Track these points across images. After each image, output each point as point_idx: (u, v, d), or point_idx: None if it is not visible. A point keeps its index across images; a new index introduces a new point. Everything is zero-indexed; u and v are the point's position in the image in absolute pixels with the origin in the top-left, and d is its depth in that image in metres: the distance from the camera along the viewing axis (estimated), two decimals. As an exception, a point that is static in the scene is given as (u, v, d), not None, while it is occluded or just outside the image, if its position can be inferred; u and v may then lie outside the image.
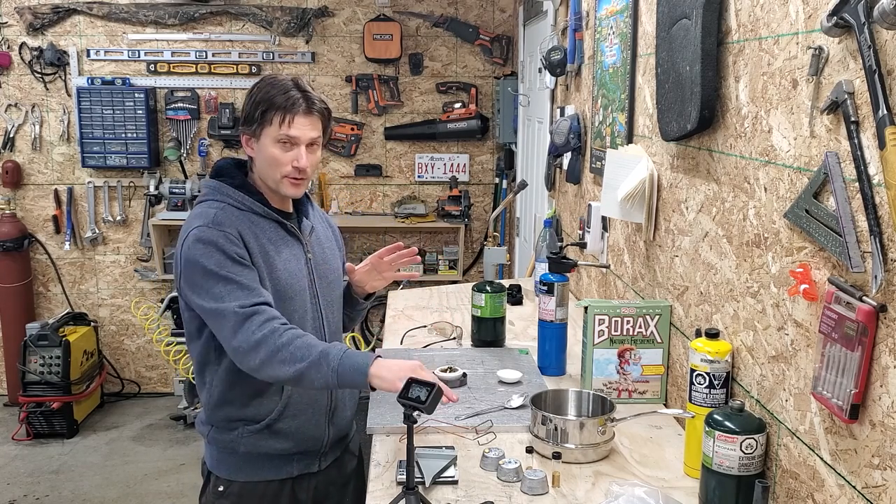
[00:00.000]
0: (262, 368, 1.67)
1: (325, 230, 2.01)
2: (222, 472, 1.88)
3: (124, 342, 5.17)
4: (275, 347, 1.65)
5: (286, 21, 4.80)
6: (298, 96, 1.76)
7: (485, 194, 5.14)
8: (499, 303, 2.42)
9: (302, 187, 1.83)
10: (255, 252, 1.77)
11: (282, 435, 1.83)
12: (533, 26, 4.21)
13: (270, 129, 1.76)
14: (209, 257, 1.70)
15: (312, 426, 1.86)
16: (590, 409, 1.84)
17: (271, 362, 1.65)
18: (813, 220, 1.30)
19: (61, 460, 4.25)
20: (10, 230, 4.76)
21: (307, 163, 1.78)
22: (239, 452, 1.84)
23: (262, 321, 1.67)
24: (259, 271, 1.75)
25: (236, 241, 1.73)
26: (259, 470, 1.86)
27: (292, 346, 1.65)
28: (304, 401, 1.84)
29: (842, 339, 1.21)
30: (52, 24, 4.77)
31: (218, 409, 1.85)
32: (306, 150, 1.78)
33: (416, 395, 1.52)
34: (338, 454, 1.97)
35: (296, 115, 1.75)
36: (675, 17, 1.81)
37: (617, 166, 2.25)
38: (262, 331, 1.66)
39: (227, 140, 4.90)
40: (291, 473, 1.88)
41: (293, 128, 1.76)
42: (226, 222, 1.76)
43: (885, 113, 1.09)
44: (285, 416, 1.82)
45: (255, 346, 1.66)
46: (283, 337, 1.65)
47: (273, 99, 1.76)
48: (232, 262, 1.70)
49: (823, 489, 1.31)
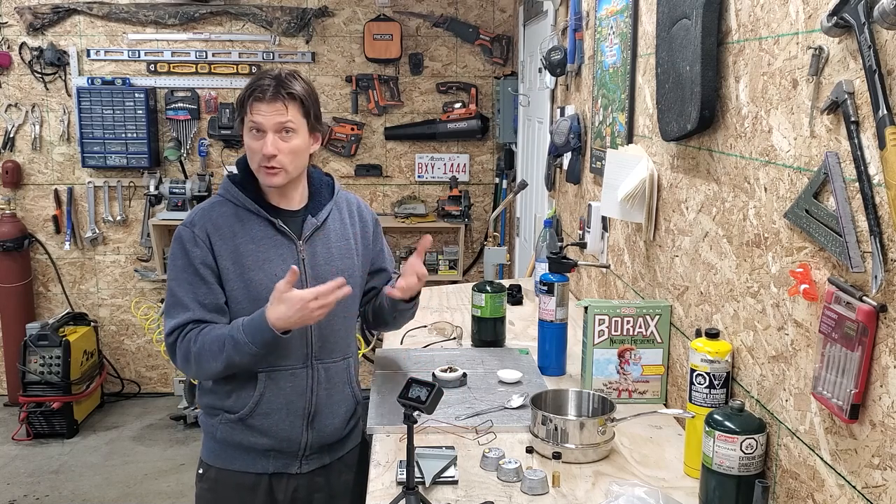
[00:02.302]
0: (202, 374, 1.85)
1: (345, 227, 1.95)
2: (205, 455, 1.96)
3: (124, 342, 5.17)
4: (195, 355, 1.78)
5: (286, 21, 4.80)
6: (268, 84, 1.77)
7: (485, 194, 5.14)
8: (499, 303, 2.42)
9: (279, 176, 1.80)
10: (224, 253, 1.82)
11: (256, 430, 1.87)
12: (533, 26, 4.21)
13: (246, 119, 1.80)
14: (174, 259, 1.85)
15: (287, 426, 1.87)
16: (590, 409, 1.84)
17: (202, 368, 1.80)
18: (813, 220, 1.30)
19: (61, 460, 4.25)
20: (10, 230, 4.76)
21: (272, 149, 1.76)
22: (217, 438, 1.90)
23: (181, 340, 1.81)
24: (225, 273, 1.82)
25: (202, 242, 1.82)
26: (235, 459, 1.90)
27: (205, 346, 1.77)
28: (277, 400, 1.86)
29: (842, 339, 1.21)
30: (52, 24, 4.77)
31: (204, 395, 1.94)
32: (276, 137, 1.77)
33: (416, 395, 1.52)
34: (326, 462, 1.96)
35: (260, 102, 1.76)
36: (675, 17, 1.81)
37: (617, 166, 2.25)
38: (181, 349, 1.81)
39: (227, 140, 4.90)
40: (267, 469, 1.90)
41: (256, 114, 1.77)
42: (200, 221, 1.84)
43: (885, 113, 1.09)
44: (258, 412, 1.86)
45: (184, 363, 1.83)
46: (196, 343, 1.78)
47: (248, 89, 1.79)
48: (190, 270, 1.81)
49: (823, 489, 1.30)
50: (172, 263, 1.85)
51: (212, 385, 1.89)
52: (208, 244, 1.81)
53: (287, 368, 1.85)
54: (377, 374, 2.19)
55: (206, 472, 1.94)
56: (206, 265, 1.81)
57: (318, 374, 1.89)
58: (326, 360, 1.91)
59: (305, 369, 1.88)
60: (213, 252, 1.81)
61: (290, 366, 1.86)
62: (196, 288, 1.81)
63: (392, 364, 2.26)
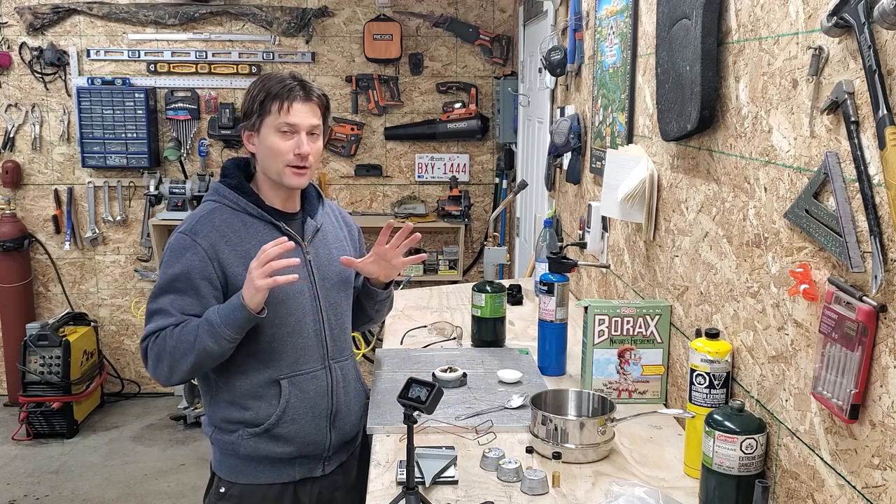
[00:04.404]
0: (175, 373, 1.76)
1: (336, 230, 1.99)
2: (224, 473, 1.89)
3: (124, 342, 5.17)
4: (168, 351, 1.72)
5: (286, 21, 4.80)
6: (295, 84, 1.79)
7: (485, 194, 5.14)
8: (499, 303, 2.42)
9: (305, 177, 1.83)
10: (233, 260, 1.78)
11: (282, 439, 1.84)
12: (533, 26, 4.21)
13: (270, 119, 1.78)
14: (167, 266, 1.78)
15: (313, 430, 1.86)
16: (590, 409, 1.84)
17: (176, 363, 1.73)
18: (813, 220, 1.30)
19: (61, 460, 4.24)
20: (10, 230, 4.76)
21: (308, 149, 1.79)
22: (240, 455, 1.85)
23: (155, 341, 1.75)
24: (235, 280, 1.76)
25: (204, 251, 1.76)
26: (260, 473, 1.86)
27: (180, 338, 1.72)
28: (302, 406, 1.85)
29: (842, 339, 1.21)
30: (52, 24, 4.77)
31: (218, 411, 1.86)
32: (307, 138, 1.79)
33: (416, 395, 1.52)
34: (343, 459, 1.97)
35: (294, 102, 1.77)
36: (675, 17, 1.81)
37: (617, 166, 2.25)
38: (154, 349, 1.75)
39: (227, 140, 4.90)
40: (293, 477, 1.88)
41: (292, 114, 1.77)
42: (203, 229, 1.78)
43: (885, 113, 1.09)
44: (284, 420, 1.83)
45: (156, 363, 1.76)
46: (173, 338, 1.72)
47: (270, 89, 1.78)
48: (182, 279, 1.75)
49: (823, 489, 1.30)
50: (165, 270, 1.77)
51: (227, 399, 1.84)
52: (212, 254, 1.76)
53: (308, 372, 1.86)
54: (377, 374, 2.18)
55: (228, 490, 1.87)
56: (204, 277, 1.76)
57: (336, 374, 1.91)
58: (339, 358, 1.93)
59: (324, 370, 1.89)
60: (220, 261, 1.76)
61: (311, 369, 1.86)
62: (184, 299, 1.75)
63: (392, 364, 2.26)
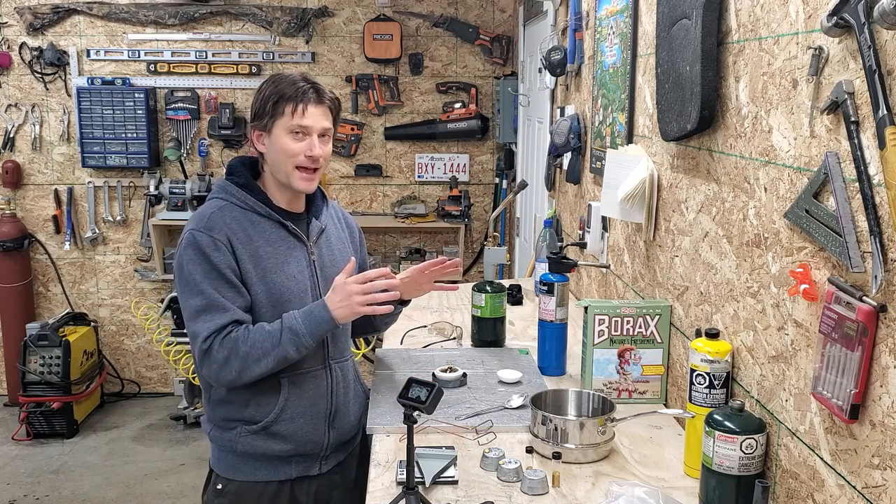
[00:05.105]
0: (243, 376, 1.74)
1: (338, 231, 2.00)
2: (221, 470, 1.90)
3: (124, 342, 5.17)
4: (244, 354, 1.71)
5: (286, 21, 4.80)
6: (308, 87, 1.80)
7: (485, 194, 5.14)
8: (499, 303, 2.42)
9: (314, 180, 1.84)
10: (244, 257, 1.79)
11: (280, 437, 1.84)
12: (533, 26, 4.21)
13: (282, 121, 1.78)
14: (195, 264, 1.76)
15: (311, 429, 1.87)
16: (590, 409, 1.84)
17: (247, 367, 1.73)
18: (813, 220, 1.30)
19: (61, 460, 4.25)
20: (10, 230, 4.76)
21: (320, 152, 1.80)
22: (237, 451, 1.85)
23: (222, 341, 1.73)
24: (247, 276, 1.78)
25: (224, 247, 1.76)
26: (257, 470, 1.86)
27: (255, 343, 1.71)
28: (301, 404, 1.85)
29: (842, 339, 1.21)
30: (52, 24, 4.77)
31: (217, 409, 1.87)
32: (319, 140, 1.81)
33: (416, 395, 1.52)
34: (341, 458, 1.97)
35: (308, 105, 1.78)
36: (675, 17, 1.81)
37: (617, 166, 2.25)
38: (222, 351, 1.72)
39: (227, 140, 4.90)
40: (290, 475, 1.88)
41: (306, 117, 1.78)
42: (217, 225, 1.79)
43: (885, 113, 1.09)
44: (282, 418, 1.83)
45: (223, 367, 1.73)
46: (248, 342, 1.72)
47: (283, 91, 1.79)
48: (214, 275, 1.74)
49: (823, 489, 1.30)
50: (192, 268, 1.75)
51: (226, 396, 1.84)
52: (230, 248, 1.77)
53: (308, 371, 1.86)
54: (377, 374, 2.19)
55: (225, 486, 1.88)
56: (231, 269, 1.77)
57: (336, 374, 1.91)
58: (339, 359, 1.93)
59: (324, 370, 1.89)
60: (236, 255, 1.78)
61: (311, 368, 1.86)
62: (225, 291, 1.75)
63: (392, 364, 2.26)
